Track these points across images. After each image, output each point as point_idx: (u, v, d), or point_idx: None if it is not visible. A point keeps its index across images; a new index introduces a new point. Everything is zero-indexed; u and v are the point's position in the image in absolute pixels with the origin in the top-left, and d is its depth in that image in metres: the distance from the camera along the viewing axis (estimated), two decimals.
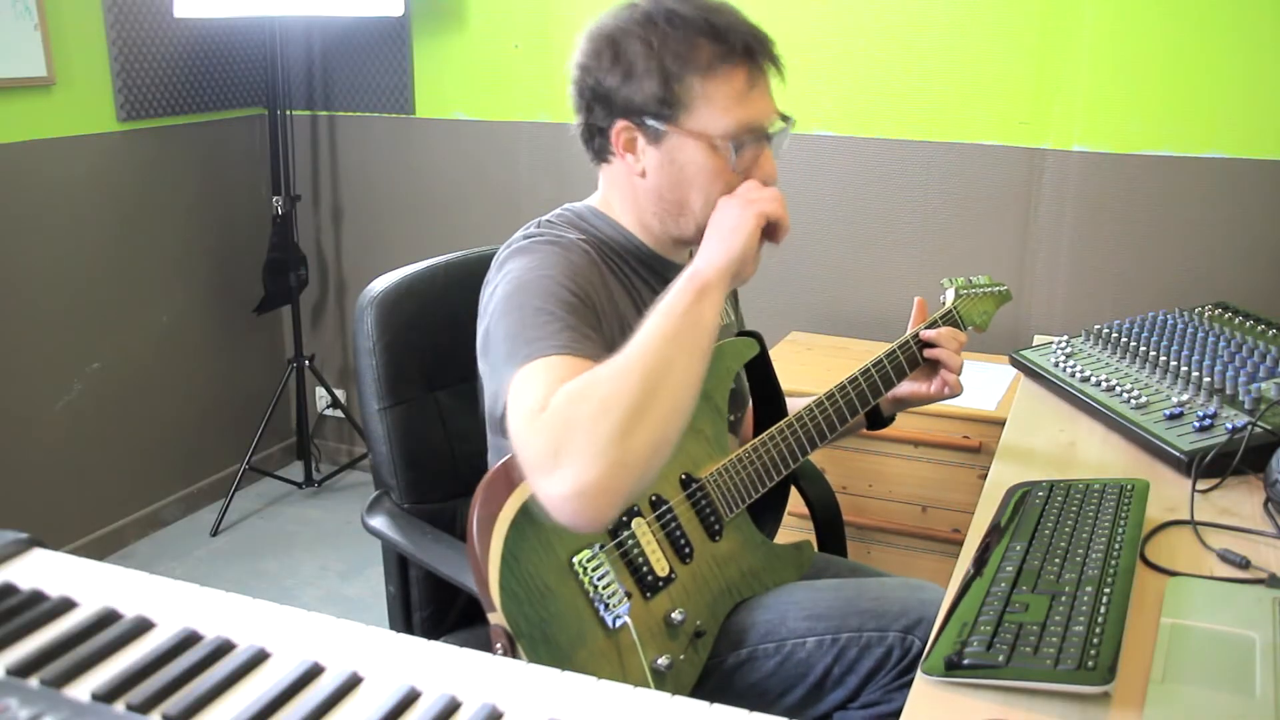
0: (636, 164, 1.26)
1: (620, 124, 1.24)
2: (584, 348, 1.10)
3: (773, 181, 1.25)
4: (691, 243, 1.31)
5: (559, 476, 0.96)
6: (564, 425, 0.97)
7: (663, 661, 1.20)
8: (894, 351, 1.44)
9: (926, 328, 1.47)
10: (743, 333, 1.44)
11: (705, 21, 1.20)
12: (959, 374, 1.45)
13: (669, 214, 1.27)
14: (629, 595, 1.18)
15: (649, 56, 1.20)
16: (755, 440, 1.33)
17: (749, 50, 1.21)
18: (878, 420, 1.53)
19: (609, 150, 1.28)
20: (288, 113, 3.03)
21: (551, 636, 1.13)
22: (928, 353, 1.46)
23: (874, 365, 1.42)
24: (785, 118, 1.27)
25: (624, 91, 1.22)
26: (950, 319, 1.52)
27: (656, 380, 1.00)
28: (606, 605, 1.16)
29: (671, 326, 1.04)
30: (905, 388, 1.47)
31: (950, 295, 1.58)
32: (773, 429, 1.34)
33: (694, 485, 1.28)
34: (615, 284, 1.28)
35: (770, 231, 1.21)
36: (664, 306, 1.07)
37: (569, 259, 1.21)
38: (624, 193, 1.31)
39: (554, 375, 1.05)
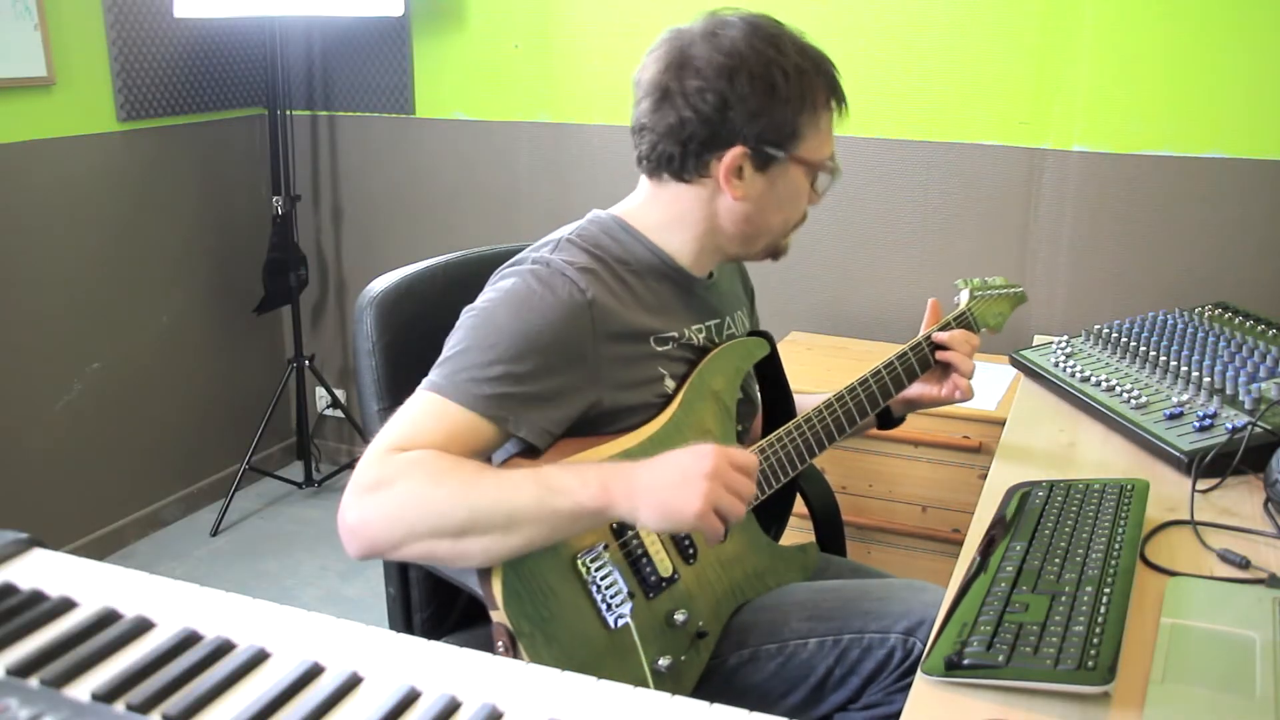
0: (738, 188, 1.24)
1: (739, 150, 1.21)
2: (494, 407, 1.12)
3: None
4: (741, 258, 1.36)
5: (357, 507, 1.07)
6: (392, 485, 1.07)
7: (664, 662, 1.19)
8: (905, 353, 1.44)
9: (939, 329, 1.47)
10: (753, 332, 1.43)
11: (817, 54, 1.25)
12: (971, 378, 1.44)
13: (745, 235, 1.29)
14: (631, 595, 1.18)
15: (788, 88, 1.20)
16: (763, 441, 1.32)
17: (840, 91, 1.27)
18: (887, 420, 1.53)
19: (700, 171, 1.24)
20: (288, 113, 3.03)
21: (553, 635, 1.12)
22: (940, 355, 1.45)
23: (885, 367, 1.42)
24: None
25: (759, 117, 1.20)
26: (964, 320, 1.52)
27: (483, 529, 1.07)
28: (609, 605, 1.16)
29: (542, 507, 1.07)
30: (916, 389, 1.47)
31: (965, 296, 1.56)
32: (781, 430, 1.34)
33: None
34: (626, 302, 1.24)
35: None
36: (558, 484, 1.07)
37: (553, 302, 1.18)
38: (685, 212, 1.28)
39: (439, 425, 1.11)
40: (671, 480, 1.06)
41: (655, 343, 1.26)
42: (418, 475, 1.07)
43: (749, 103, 1.19)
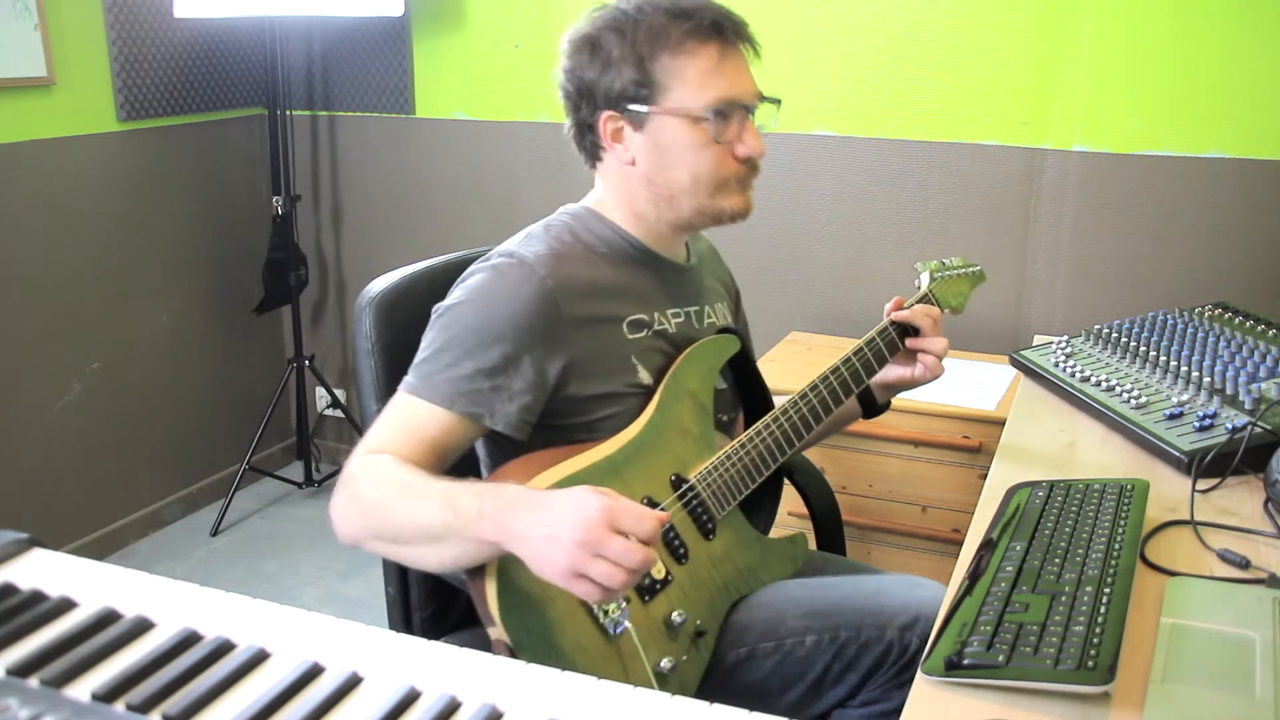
0: (625, 152, 1.29)
1: (605, 114, 1.28)
2: (468, 404, 1.18)
3: (759, 155, 1.29)
4: (687, 227, 1.35)
5: (334, 500, 1.16)
6: (353, 485, 1.15)
7: (666, 663, 1.20)
8: (874, 339, 1.45)
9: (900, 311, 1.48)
10: (722, 330, 1.43)
11: (673, 4, 1.26)
12: (942, 354, 1.46)
13: (662, 199, 1.30)
14: (628, 600, 1.18)
15: (623, 44, 1.25)
16: (741, 436, 1.34)
17: (717, 26, 1.26)
18: (873, 408, 1.54)
19: (600, 146, 1.31)
20: (288, 113, 3.03)
21: (554, 647, 1.12)
22: (909, 343, 1.46)
23: (855, 353, 1.43)
24: (767, 98, 1.31)
25: (604, 82, 1.26)
26: (925, 302, 1.53)
27: (413, 540, 1.13)
28: (606, 613, 1.16)
29: (449, 531, 1.10)
30: (894, 373, 1.49)
31: (925, 279, 1.58)
32: (758, 424, 1.35)
33: (684, 486, 1.28)
34: (593, 286, 1.28)
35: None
36: (463, 509, 1.06)
37: (514, 291, 1.22)
38: (617, 188, 1.33)
39: (413, 425, 1.18)
40: (541, 535, 1.00)
41: (628, 329, 1.29)
42: (370, 480, 1.14)
43: (591, 69, 1.27)
